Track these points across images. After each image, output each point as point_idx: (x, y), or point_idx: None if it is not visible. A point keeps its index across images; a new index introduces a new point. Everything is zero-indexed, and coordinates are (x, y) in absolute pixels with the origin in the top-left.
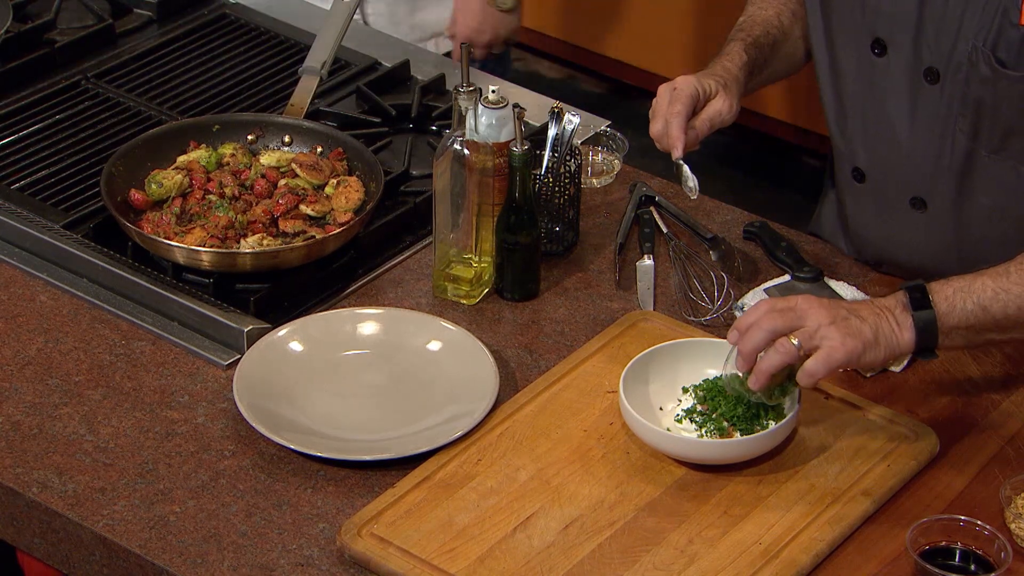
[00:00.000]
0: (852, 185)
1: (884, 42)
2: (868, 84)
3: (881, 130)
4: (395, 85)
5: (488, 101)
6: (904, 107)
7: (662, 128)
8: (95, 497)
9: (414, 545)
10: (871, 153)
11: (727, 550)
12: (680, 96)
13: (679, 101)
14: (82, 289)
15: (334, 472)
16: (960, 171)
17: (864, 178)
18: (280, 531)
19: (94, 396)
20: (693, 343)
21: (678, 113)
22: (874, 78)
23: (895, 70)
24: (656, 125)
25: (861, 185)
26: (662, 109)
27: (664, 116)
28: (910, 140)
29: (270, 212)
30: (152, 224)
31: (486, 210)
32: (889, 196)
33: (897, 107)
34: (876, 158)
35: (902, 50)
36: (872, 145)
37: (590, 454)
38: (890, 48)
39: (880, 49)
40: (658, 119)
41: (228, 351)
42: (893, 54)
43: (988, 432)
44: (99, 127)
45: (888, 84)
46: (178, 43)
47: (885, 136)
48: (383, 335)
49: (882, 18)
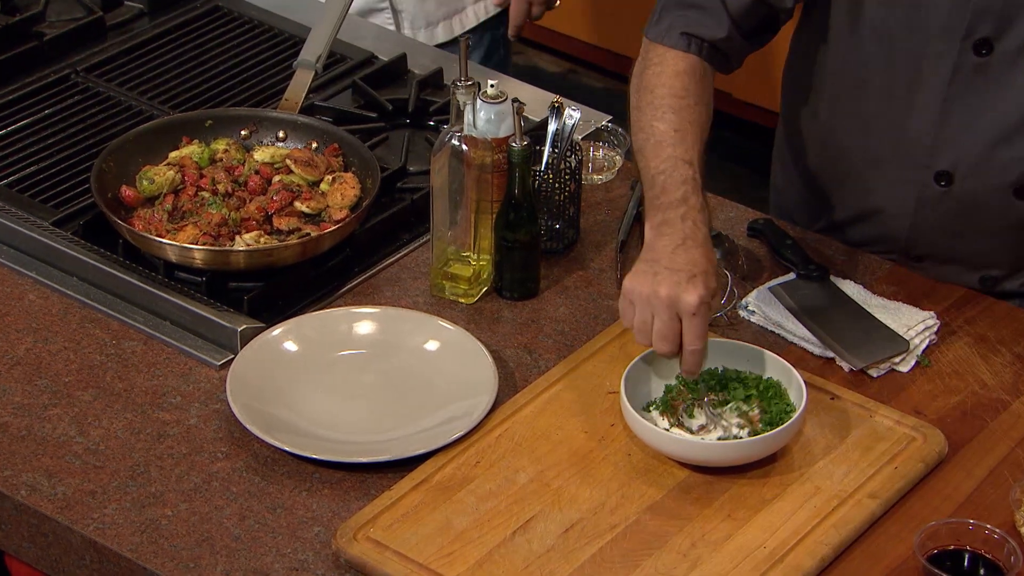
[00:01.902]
0: (929, 190)
1: (990, 41)
2: (966, 87)
3: (984, 129)
4: (392, 79)
5: (487, 96)
6: (1013, 102)
7: (673, 352)
8: (85, 500)
9: (411, 549)
10: (966, 154)
11: (731, 554)
12: (703, 330)
13: (703, 335)
14: (72, 288)
15: (329, 474)
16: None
17: (952, 181)
18: (274, 535)
19: (84, 397)
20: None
21: (703, 349)
22: (977, 80)
23: (1004, 68)
24: (665, 347)
25: (946, 189)
26: (669, 333)
27: (679, 345)
28: (1014, 132)
29: (264, 209)
30: (143, 221)
31: (485, 207)
32: (984, 192)
33: (1006, 103)
34: (972, 158)
35: (1012, 46)
36: (968, 147)
37: (591, 456)
38: (997, 47)
39: (987, 49)
40: (667, 342)
41: (221, 351)
42: (1001, 52)
43: (998, 433)
44: (89, 122)
45: (994, 84)
46: (170, 36)
47: (988, 135)
48: (379, 335)
49: (991, 17)
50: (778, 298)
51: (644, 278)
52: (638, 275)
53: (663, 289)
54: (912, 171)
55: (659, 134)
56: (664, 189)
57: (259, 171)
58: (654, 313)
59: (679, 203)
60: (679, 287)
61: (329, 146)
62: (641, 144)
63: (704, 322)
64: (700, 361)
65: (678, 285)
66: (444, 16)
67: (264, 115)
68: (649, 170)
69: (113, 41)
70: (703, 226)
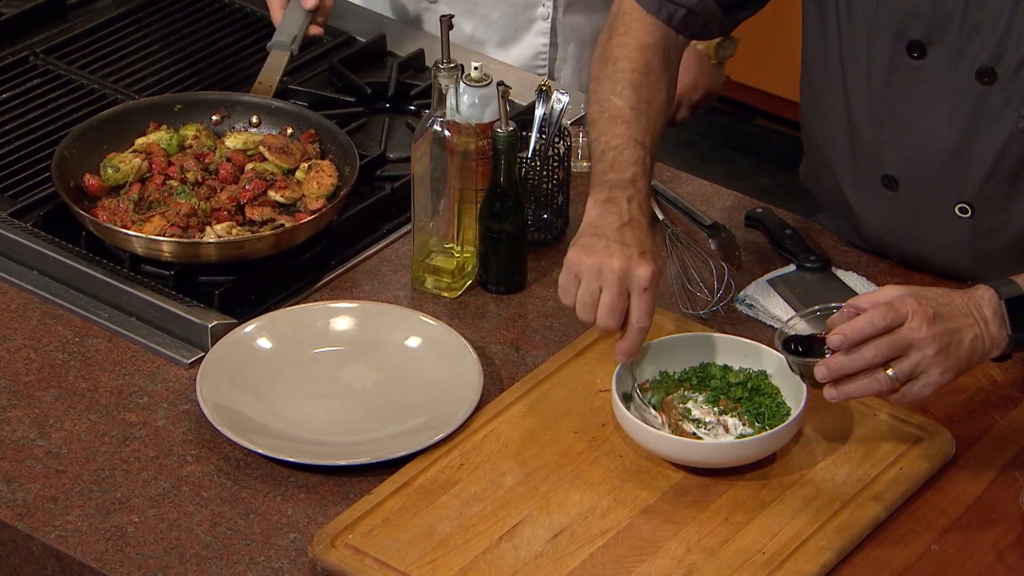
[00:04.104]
0: (880, 194)
1: (923, 45)
2: (903, 89)
3: (921, 136)
4: (371, 61)
5: (471, 79)
6: (948, 110)
7: (617, 328)
8: (47, 506)
9: (392, 556)
10: (907, 160)
11: (728, 560)
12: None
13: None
14: (32, 282)
15: (306, 478)
16: (1014, 172)
17: (897, 186)
18: (247, 542)
19: (45, 398)
20: (691, 338)
21: (648, 328)
22: (911, 83)
23: (938, 73)
24: (611, 321)
25: (893, 193)
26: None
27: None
28: (957, 144)
29: (236, 199)
30: (108, 212)
31: (469, 196)
32: (929, 203)
33: (941, 111)
34: (913, 165)
35: (945, 52)
36: (909, 152)
37: (581, 458)
38: (930, 50)
39: (919, 52)
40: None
41: (191, 348)
42: (935, 56)
43: (1007, 432)
44: (49, 107)
45: (928, 87)
46: (135, 16)
47: (925, 142)
48: (358, 331)
49: (920, 20)
50: (777, 291)
51: (593, 251)
52: (585, 248)
53: (615, 262)
54: (866, 172)
55: (615, 109)
56: (613, 166)
57: (231, 158)
58: (603, 286)
59: (627, 184)
60: (632, 260)
61: (305, 132)
62: (595, 117)
63: (653, 300)
64: (640, 343)
65: (631, 259)
66: None
67: (236, 99)
68: (599, 143)
69: (75, 21)
70: (648, 212)
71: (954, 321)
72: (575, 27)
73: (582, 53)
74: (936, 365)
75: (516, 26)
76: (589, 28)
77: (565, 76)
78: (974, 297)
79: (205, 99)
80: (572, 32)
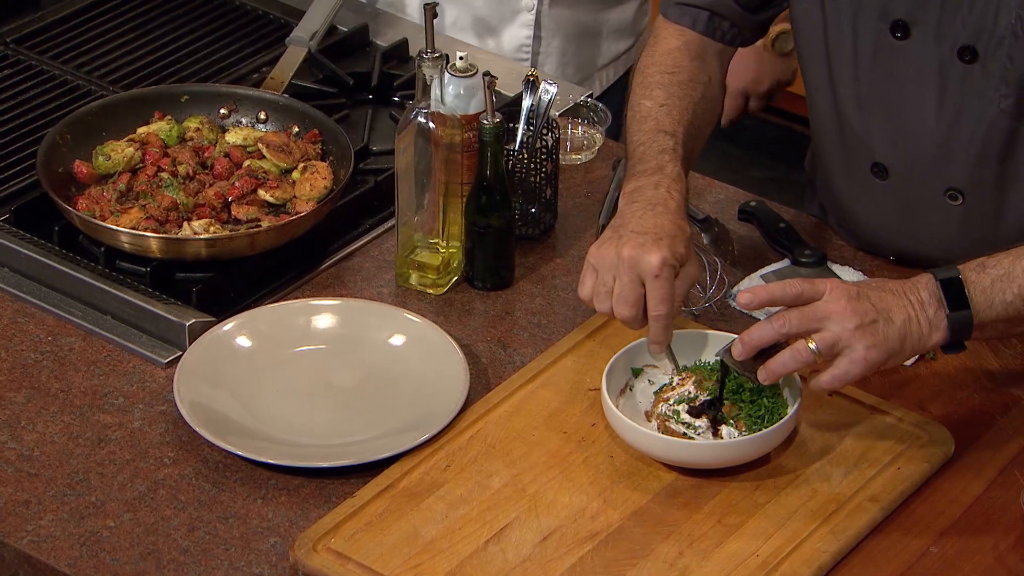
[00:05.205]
0: (871, 183)
1: (906, 24)
2: (888, 72)
3: (907, 120)
4: (353, 51)
5: (456, 69)
6: (934, 92)
7: (635, 318)
8: (19, 511)
9: (376, 560)
10: (895, 147)
11: (721, 563)
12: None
13: (667, 300)
14: (2, 280)
15: (287, 481)
16: (1001, 156)
17: (887, 174)
18: (227, 547)
19: (17, 399)
20: (683, 335)
21: (667, 315)
22: (895, 64)
23: (921, 53)
24: (626, 311)
25: (884, 182)
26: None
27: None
28: (943, 127)
29: (223, 196)
30: (90, 200)
31: (454, 190)
32: (918, 190)
33: (925, 93)
34: (902, 151)
35: (928, 31)
36: (896, 138)
37: (570, 458)
38: (914, 30)
39: (902, 32)
40: (628, 306)
41: (168, 347)
42: (918, 36)
43: (1008, 431)
44: (20, 99)
45: (912, 69)
46: (111, 4)
47: (912, 127)
48: (340, 329)
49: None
50: None
51: (607, 242)
52: (602, 240)
53: (625, 250)
54: (855, 161)
55: (644, 110)
56: (641, 159)
57: (229, 154)
58: (615, 276)
59: (654, 171)
60: (642, 248)
61: (309, 132)
62: (628, 123)
63: (668, 286)
64: (666, 332)
65: (642, 247)
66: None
67: (246, 93)
68: (631, 144)
69: (48, 9)
70: (677, 194)
71: (883, 301)
72: (561, 21)
73: (566, 48)
74: (859, 340)
75: (500, 16)
76: (575, 23)
77: (548, 70)
78: (911, 282)
79: (214, 91)
80: (557, 26)
